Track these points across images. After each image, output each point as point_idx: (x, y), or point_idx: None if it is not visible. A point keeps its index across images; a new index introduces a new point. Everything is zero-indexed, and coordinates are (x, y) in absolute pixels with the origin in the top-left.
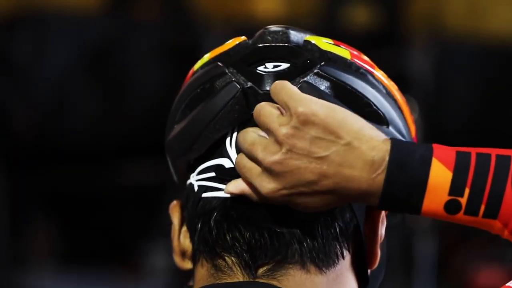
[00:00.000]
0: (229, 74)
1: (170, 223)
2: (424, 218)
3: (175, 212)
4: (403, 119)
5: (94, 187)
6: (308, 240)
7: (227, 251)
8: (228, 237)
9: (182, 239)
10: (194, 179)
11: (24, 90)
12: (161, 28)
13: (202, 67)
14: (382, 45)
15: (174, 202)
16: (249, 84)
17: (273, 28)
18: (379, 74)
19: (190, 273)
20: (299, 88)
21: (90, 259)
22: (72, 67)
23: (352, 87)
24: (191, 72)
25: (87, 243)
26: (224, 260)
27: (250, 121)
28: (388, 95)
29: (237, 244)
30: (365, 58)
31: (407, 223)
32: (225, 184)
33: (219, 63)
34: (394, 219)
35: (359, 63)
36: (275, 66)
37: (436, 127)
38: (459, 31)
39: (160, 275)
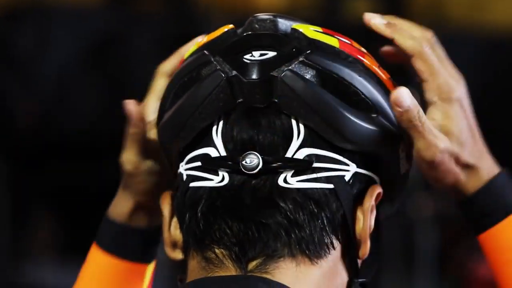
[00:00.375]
0: (215, 62)
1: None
2: (425, 209)
3: (165, 203)
4: None
5: (95, 181)
6: (296, 231)
7: (216, 243)
8: (215, 229)
9: (172, 230)
10: (183, 168)
11: (25, 83)
12: (163, 21)
13: (190, 55)
14: (383, 38)
15: (165, 193)
16: (234, 72)
17: (261, 16)
18: (369, 62)
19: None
20: (283, 77)
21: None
22: (73, 60)
23: (339, 76)
24: (181, 60)
25: (88, 236)
26: (214, 252)
27: (235, 110)
28: (379, 84)
29: (225, 237)
30: (356, 46)
31: (407, 214)
32: (211, 174)
33: (205, 52)
34: (391, 210)
35: (348, 51)
36: (261, 55)
37: None
38: (461, 23)
39: (161, 267)
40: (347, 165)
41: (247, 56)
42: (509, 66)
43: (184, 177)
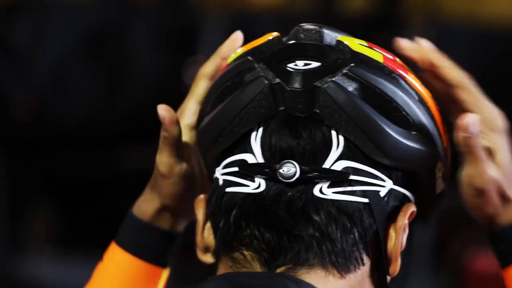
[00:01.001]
0: (258, 69)
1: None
2: None
3: (199, 207)
4: (435, 128)
5: (93, 172)
6: (328, 244)
7: (246, 246)
8: (246, 234)
9: (206, 234)
10: (219, 173)
11: (23, 74)
12: (159, 12)
13: (234, 60)
14: (379, 29)
15: (200, 197)
16: (277, 80)
17: (306, 26)
18: (413, 79)
19: (190, 258)
20: (326, 88)
21: (88, 244)
22: (71, 52)
23: (382, 90)
24: (224, 65)
25: (85, 227)
26: (243, 254)
27: (275, 117)
28: (420, 102)
29: (255, 241)
30: (400, 62)
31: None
32: (248, 180)
33: (249, 58)
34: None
35: (391, 67)
36: (305, 64)
37: None
38: (457, 15)
39: None
40: (384, 180)
41: (291, 65)
42: (506, 59)
43: (220, 182)
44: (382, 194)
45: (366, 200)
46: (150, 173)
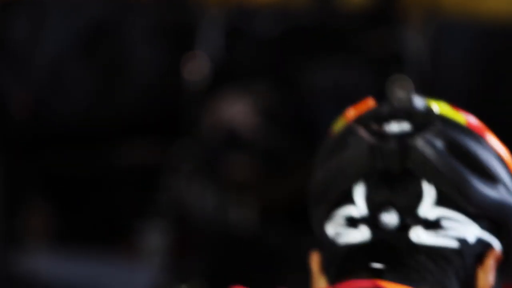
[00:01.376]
0: (359, 132)
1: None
2: None
3: (313, 260)
4: None
5: (89, 168)
6: (428, 275)
7: (354, 276)
8: (355, 275)
9: (320, 285)
10: (328, 226)
11: (20, 71)
12: (156, 8)
13: (339, 126)
14: (377, 25)
15: (314, 252)
16: (375, 141)
17: (398, 92)
18: (492, 139)
19: (183, 252)
20: (418, 146)
21: (84, 239)
22: (68, 48)
23: (466, 148)
24: (332, 131)
25: (82, 223)
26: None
27: (375, 174)
28: (500, 159)
29: (364, 274)
30: (481, 125)
31: None
32: (354, 230)
33: (351, 123)
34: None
35: (473, 128)
36: (399, 127)
37: None
38: (456, 10)
39: (154, 255)
40: (471, 227)
41: (387, 128)
42: (504, 54)
43: (330, 233)
44: (471, 239)
45: (457, 244)
46: (145, 169)
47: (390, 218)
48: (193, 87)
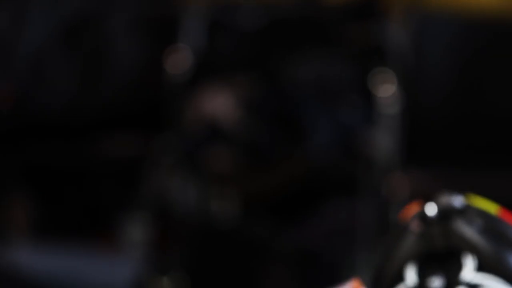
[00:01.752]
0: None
1: (149, 197)
2: (400, 190)
3: None
4: None
5: (71, 160)
6: None
7: None
8: None
9: None
10: None
11: (0, 62)
12: (138, 1)
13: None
14: (360, 18)
15: None
16: (422, 228)
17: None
18: None
19: (165, 244)
20: (456, 227)
21: (67, 232)
22: (50, 39)
23: (499, 228)
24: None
25: (64, 215)
26: None
27: (422, 255)
28: None
29: None
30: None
31: (383, 194)
32: None
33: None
34: None
35: (503, 217)
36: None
37: (414, 101)
38: (438, 4)
39: (136, 247)
40: None
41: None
42: (488, 49)
43: None
44: None
45: None
46: (128, 162)
47: (437, 283)
48: (175, 80)
